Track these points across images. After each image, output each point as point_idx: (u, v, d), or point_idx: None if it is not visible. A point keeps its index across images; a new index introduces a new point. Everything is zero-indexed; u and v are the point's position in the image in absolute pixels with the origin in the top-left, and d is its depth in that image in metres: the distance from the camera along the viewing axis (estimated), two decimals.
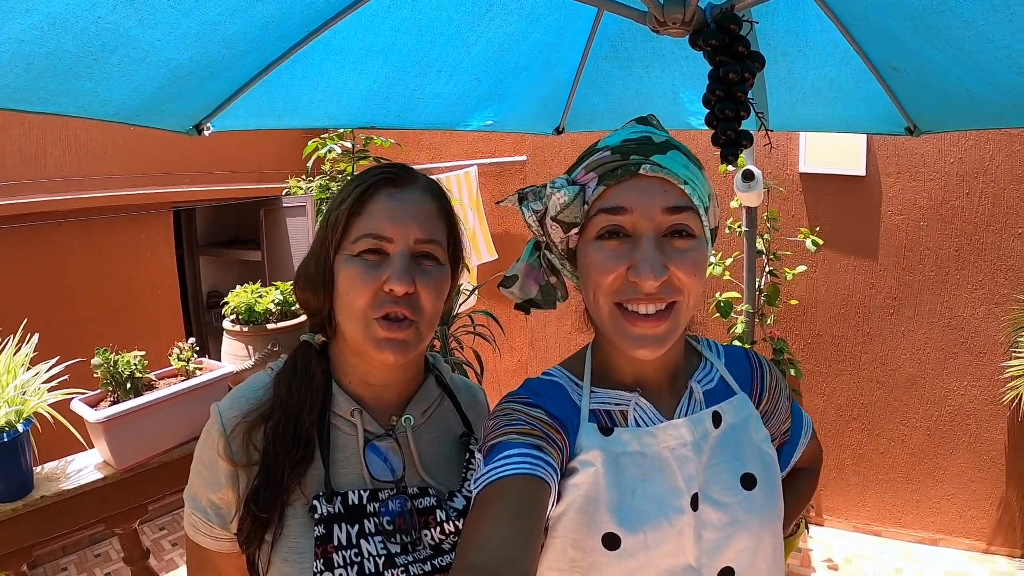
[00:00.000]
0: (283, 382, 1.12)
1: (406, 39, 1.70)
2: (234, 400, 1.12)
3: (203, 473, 1.08)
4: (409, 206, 1.10)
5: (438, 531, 1.10)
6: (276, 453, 1.05)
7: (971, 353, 3.93)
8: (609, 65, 2.09)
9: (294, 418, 1.08)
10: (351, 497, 1.06)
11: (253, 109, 1.75)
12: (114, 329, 4.46)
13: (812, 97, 2.11)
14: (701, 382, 1.10)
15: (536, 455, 0.92)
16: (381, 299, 1.07)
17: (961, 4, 1.25)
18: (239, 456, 1.06)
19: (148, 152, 4.68)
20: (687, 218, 0.94)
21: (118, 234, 4.56)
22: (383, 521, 1.06)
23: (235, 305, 2.56)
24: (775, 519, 1.06)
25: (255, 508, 1.03)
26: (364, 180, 1.12)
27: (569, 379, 1.09)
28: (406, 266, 1.07)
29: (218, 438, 1.07)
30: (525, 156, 5.14)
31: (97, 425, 2.13)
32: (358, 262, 1.08)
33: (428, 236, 1.11)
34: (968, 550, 4.09)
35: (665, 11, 1.15)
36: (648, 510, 0.97)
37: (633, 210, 0.93)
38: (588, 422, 1.02)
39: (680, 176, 0.93)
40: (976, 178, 3.76)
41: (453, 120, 2.20)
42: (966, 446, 4.01)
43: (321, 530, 1.02)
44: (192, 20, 1.23)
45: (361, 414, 1.13)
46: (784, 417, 1.22)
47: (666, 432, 1.01)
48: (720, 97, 1.11)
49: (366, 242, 1.07)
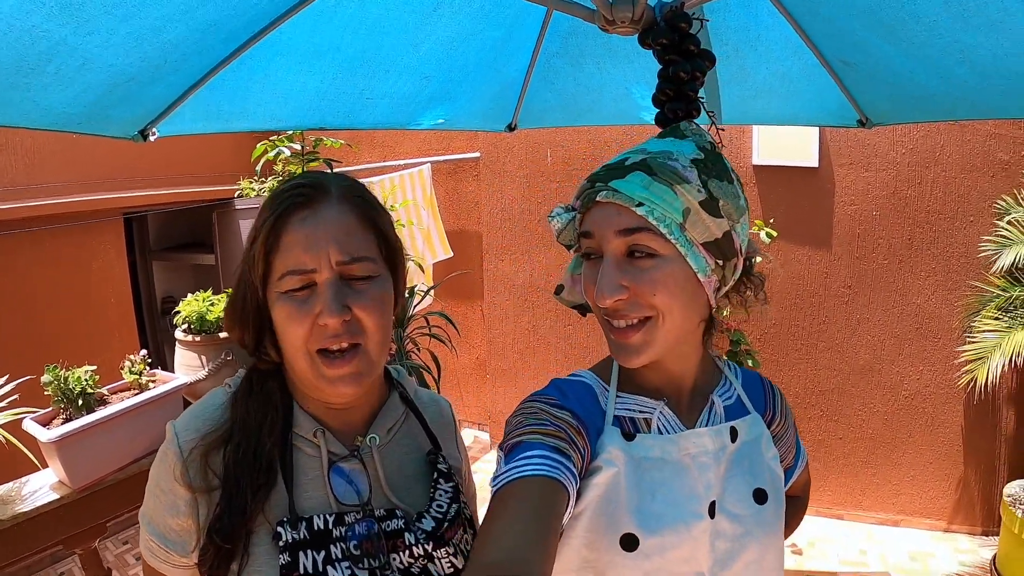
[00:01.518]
0: (240, 402, 1.06)
1: (353, 38, 1.67)
2: (190, 420, 1.06)
3: (160, 497, 1.02)
4: (324, 228, 1.01)
5: (406, 555, 1.05)
6: (237, 478, 0.99)
7: (926, 339, 4.00)
8: (560, 62, 2.08)
9: (254, 441, 1.02)
10: (316, 522, 1.01)
11: (199, 113, 1.71)
12: (66, 341, 4.35)
13: (764, 91, 2.12)
14: (721, 397, 1.12)
15: (557, 458, 0.92)
16: (318, 332, 1.00)
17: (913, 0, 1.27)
18: (197, 481, 0.99)
19: (96, 158, 4.57)
20: (641, 238, 0.94)
21: (67, 243, 4.44)
22: (350, 546, 1.01)
23: (187, 314, 2.51)
24: (780, 535, 1.10)
25: (218, 538, 0.97)
26: (274, 210, 1.02)
27: (598, 381, 1.10)
28: (335, 294, 0.99)
29: (175, 461, 1.01)
30: (479, 153, 5.13)
31: (50, 444, 2.07)
32: (287, 300, 1.00)
33: (351, 255, 1.02)
34: (929, 530, 4.19)
35: (614, 10, 1.14)
36: (667, 513, 0.99)
37: (594, 234, 0.97)
38: (612, 426, 1.03)
39: (634, 198, 0.93)
40: (928, 168, 3.83)
41: (404, 119, 2.18)
42: (923, 429, 4.10)
43: (286, 558, 0.97)
44: (131, 25, 1.20)
45: (324, 435, 1.08)
46: (790, 444, 1.25)
47: (688, 440, 1.03)
48: (670, 96, 1.10)
49: (290, 280, 1.00)
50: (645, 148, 1.00)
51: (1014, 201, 3.64)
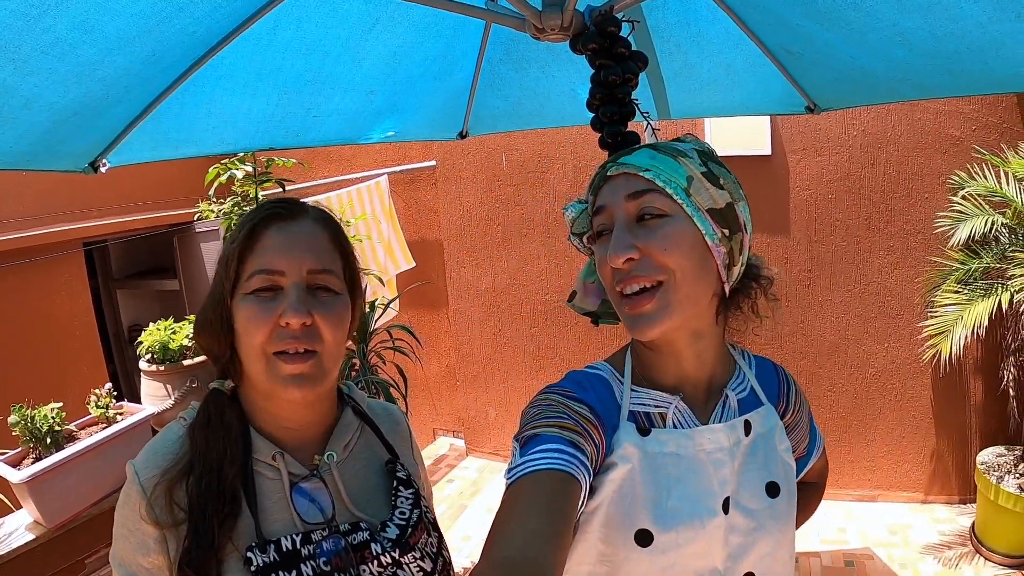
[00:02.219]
0: (198, 434, 1.07)
1: (294, 59, 1.68)
2: (149, 457, 1.06)
3: (128, 538, 1.02)
4: (299, 237, 1.08)
5: (375, 564, 1.07)
6: (203, 510, 1.00)
7: (889, 316, 4.06)
8: (505, 68, 2.10)
9: (216, 472, 1.03)
10: (284, 543, 1.02)
11: (148, 142, 1.72)
12: (33, 376, 4.30)
13: (710, 84, 2.14)
14: (735, 390, 1.12)
15: (572, 452, 0.92)
16: (279, 334, 1.03)
17: None
18: (163, 517, 1.00)
19: (52, 189, 4.53)
20: (650, 199, 0.97)
21: (28, 278, 4.39)
22: (319, 563, 1.03)
23: (149, 344, 2.49)
24: (792, 527, 1.10)
25: (190, 571, 0.97)
26: (253, 217, 1.08)
27: (613, 374, 1.10)
28: (300, 298, 1.04)
29: (139, 500, 1.01)
30: (434, 161, 5.14)
31: (22, 485, 2.05)
32: (252, 300, 1.04)
33: (321, 266, 1.08)
34: (907, 502, 4.24)
35: (543, 18, 1.16)
36: (683, 509, 0.99)
37: (607, 206, 1.00)
38: (627, 421, 1.03)
39: (641, 166, 0.98)
40: (880, 148, 3.89)
41: (353, 134, 2.19)
42: (893, 405, 4.16)
43: None
44: (68, 63, 1.21)
45: (283, 457, 1.09)
46: (804, 433, 1.25)
47: (703, 436, 1.03)
48: (603, 100, 1.12)
49: (259, 279, 1.04)
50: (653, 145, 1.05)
51: (967, 175, 3.69)
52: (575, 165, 4.52)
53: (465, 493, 4.85)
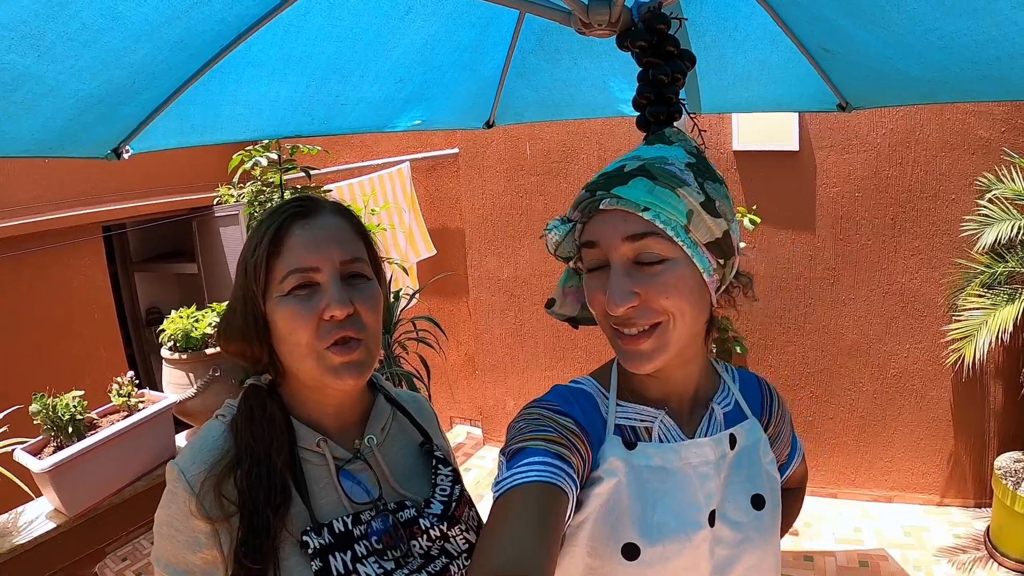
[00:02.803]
0: (243, 428, 1.10)
1: (324, 47, 1.66)
2: (194, 454, 1.08)
3: (177, 537, 1.03)
4: (325, 232, 1.11)
5: (424, 539, 1.12)
6: (255, 501, 1.03)
7: (912, 317, 4.02)
8: (536, 59, 2.07)
9: (265, 462, 1.06)
10: (336, 525, 1.06)
11: (172, 128, 1.71)
12: (53, 361, 4.33)
13: (743, 80, 2.12)
14: (721, 404, 1.12)
15: (558, 464, 0.92)
16: (325, 329, 1.06)
17: None
18: (215, 512, 1.02)
19: (72, 173, 4.53)
20: (650, 243, 0.94)
21: (48, 261, 4.40)
22: (372, 542, 1.08)
23: (171, 332, 2.47)
24: (777, 538, 1.11)
25: (248, 561, 1.00)
26: (273, 221, 1.11)
27: (598, 389, 1.10)
28: (340, 289, 1.07)
29: (187, 498, 1.02)
30: (458, 149, 5.10)
31: (43, 474, 2.04)
32: (291, 300, 1.07)
33: (352, 255, 1.12)
34: (923, 504, 4.21)
35: (590, 12, 1.12)
36: (669, 523, 0.99)
37: (600, 242, 0.97)
38: (614, 435, 1.03)
39: (639, 203, 0.93)
40: (908, 147, 3.83)
41: (380, 122, 2.17)
42: (913, 406, 4.12)
43: (318, 564, 1.01)
44: (94, 50, 1.19)
45: (327, 443, 1.13)
46: (786, 443, 1.27)
47: (689, 450, 1.04)
48: (651, 100, 1.08)
49: (294, 278, 1.07)
50: (639, 155, 1.00)
51: (995, 178, 3.65)
52: (600, 156, 4.48)
53: (482, 483, 4.87)
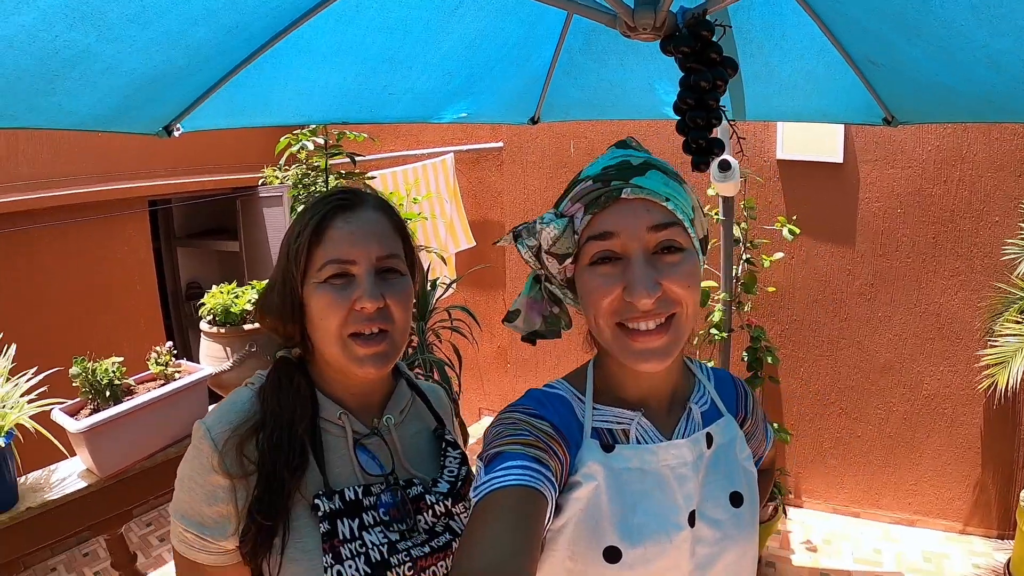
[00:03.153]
0: (271, 395, 1.16)
1: (375, 37, 1.68)
2: (221, 415, 1.14)
3: (196, 490, 1.10)
4: (365, 227, 1.17)
5: (430, 514, 1.19)
6: (274, 462, 1.09)
7: (947, 339, 3.96)
8: (583, 58, 2.08)
9: (287, 428, 1.12)
10: (347, 493, 1.12)
11: (223, 109, 1.74)
12: (93, 328, 4.42)
13: (789, 89, 2.11)
14: (698, 404, 1.13)
15: (537, 468, 0.92)
16: (354, 317, 1.13)
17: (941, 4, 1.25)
18: (234, 469, 1.09)
19: (122, 148, 4.62)
20: (673, 233, 0.96)
21: (93, 232, 4.50)
22: (380, 513, 1.14)
23: (211, 306, 2.53)
24: (755, 534, 1.11)
25: (260, 517, 1.07)
26: (318, 211, 1.17)
27: (573, 393, 1.10)
28: (374, 283, 1.14)
29: (211, 454, 1.09)
30: (502, 143, 5.13)
31: (79, 434, 2.11)
32: (327, 288, 1.14)
33: (388, 252, 1.18)
34: (945, 531, 4.15)
35: (636, 16, 1.14)
36: (649, 525, 0.99)
37: (619, 233, 0.95)
38: (591, 438, 1.03)
39: (661, 194, 0.95)
40: (953, 166, 3.78)
41: (426, 113, 2.20)
42: (943, 430, 4.06)
43: (326, 526, 1.08)
44: (152, 31, 1.23)
45: (348, 417, 1.20)
46: (761, 438, 1.28)
47: (667, 451, 1.04)
48: (691, 105, 1.10)
49: (331, 268, 1.14)
50: (629, 154, 1.01)
51: None
52: None
53: None
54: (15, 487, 2.04)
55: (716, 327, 3.81)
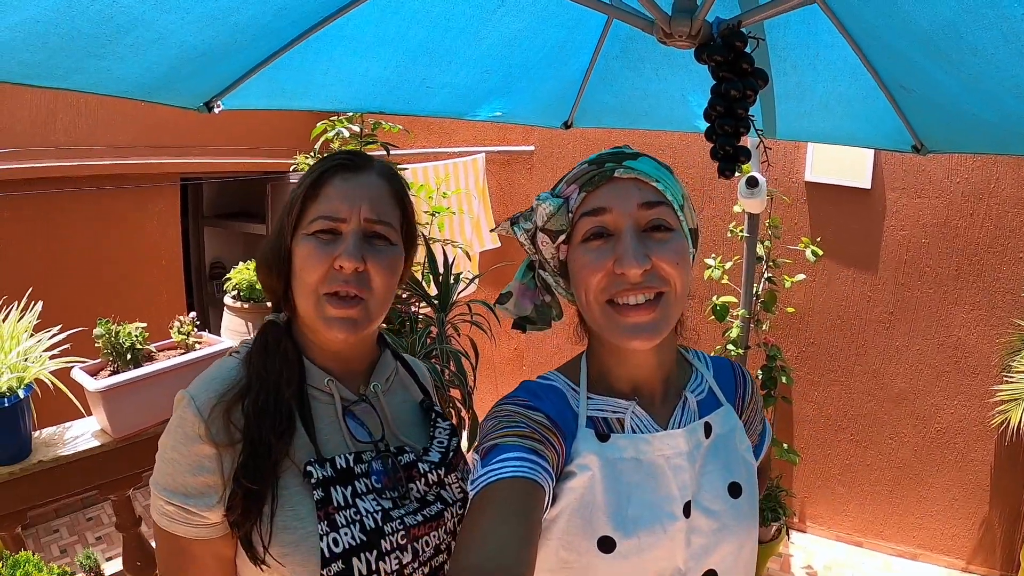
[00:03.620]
0: (256, 359, 1.14)
1: (417, 30, 1.71)
2: (205, 383, 1.11)
3: (179, 461, 1.05)
4: (362, 188, 1.15)
5: (422, 483, 1.17)
6: (260, 427, 1.06)
7: (963, 373, 3.94)
8: (619, 65, 2.09)
9: (273, 392, 1.10)
10: (339, 461, 1.10)
11: (264, 89, 1.77)
12: (117, 297, 4.50)
13: (820, 110, 2.11)
14: (694, 392, 1.13)
15: (533, 459, 0.93)
16: (332, 276, 1.11)
17: (972, 32, 1.26)
18: (220, 437, 1.05)
19: (159, 123, 4.70)
20: (663, 212, 1.00)
21: (125, 204, 4.59)
22: (371, 481, 1.12)
23: (237, 282, 2.59)
24: (754, 524, 1.11)
25: (247, 482, 1.03)
26: (320, 166, 1.17)
27: (566, 384, 1.12)
28: (357, 244, 1.11)
29: (195, 422, 1.05)
30: (533, 146, 5.15)
31: (96, 394, 2.15)
32: (312, 240, 1.12)
33: (379, 216, 1.15)
34: (947, 567, 4.12)
35: (672, 23, 1.16)
36: (643, 515, 1.00)
37: (612, 208, 0.99)
38: (586, 427, 1.04)
39: (652, 175, 1.00)
40: (981, 199, 3.77)
41: (462, 109, 2.22)
42: (953, 464, 4.04)
43: (320, 493, 1.06)
44: (205, 5, 1.26)
45: (335, 383, 1.18)
46: (758, 428, 1.27)
47: (663, 441, 1.04)
48: (721, 113, 1.12)
49: (320, 223, 1.12)
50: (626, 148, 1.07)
51: None
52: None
53: None
54: (29, 440, 2.09)
55: (733, 343, 3.82)
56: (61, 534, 4.15)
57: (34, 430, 2.13)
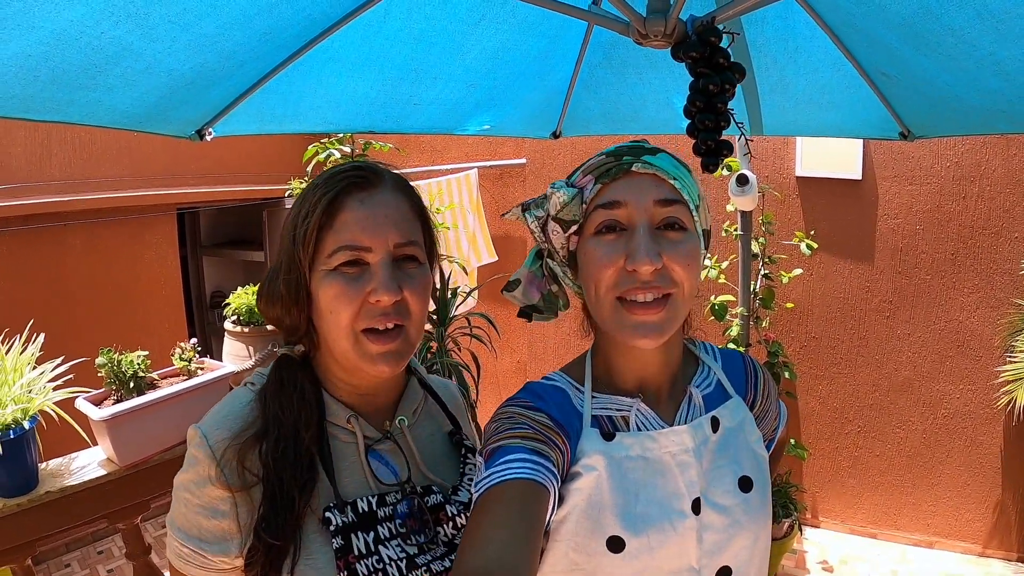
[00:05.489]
0: (272, 399, 1.06)
1: (401, 48, 1.73)
2: (219, 421, 1.05)
3: (193, 502, 1.00)
4: (382, 209, 1.05)
5: (450, 526, 1.10)
6: (280, 477, 0.99)
7: (966, 357, 3.94)
8: (603, 71, 2.12)
9: (292, 437, 1.02)
10: (360, 505, 1.03)
11: (254, 115, 1.79)
12: (118, 328, 4.50)
13: (805, 103, 2.13)
14: (700, 387, 1.12)
15: (537, 460, 0.92)
16: (367, 311, 1.02)
17: (947, 12, 1.28)
18: (234, 480, 0.99)
19: (153, 154, 4.72)
20: (678, 211, 0.98)
21: (122, 235, 4.60)
22: (396, 525, 1.05)
23: (236, 306, 2.61)
24: (768, 518, 1.09)
25: (268, 537, 0.97)
26: (330, 188, 1.04)
27: (570, 384, 1.10)
28: (390, 274, 1.02)
29: (208, 463, 0.99)
30: (525, 159, 5.18)
31: (101, 423, 2.16)
32: (338, 277, 1.02)
33: (407, 238, 1.06)
34: (964, 553, 4.10)
35: (647, 24, 1.18)
36: (651, 513, 0.99)
37: (627, 203, 0.98)
38: (590, 427, 1.03)
39: (670, 173, 0.99)
40: (972, 182, 3.78)
41: (450, 125, 2.24)
42: (962, 450, 4.03)
43: (339, 541, 0.99)
44: (192, 33, 1.28)
45: (358, 420, 1.10)
46: (773, 419, 1.25)
47: (668, 438, 1.04)
48: (700, 108, 1.14)
49: (343, 255, 1.01)
50: (645, 142, 1.04)
51: None
52: None
53: None
54: (36, 471, 2.10)
55: (734, 341, 3.83)
56: (72, 568, 4.14)
57: (40, 461, 2.14)
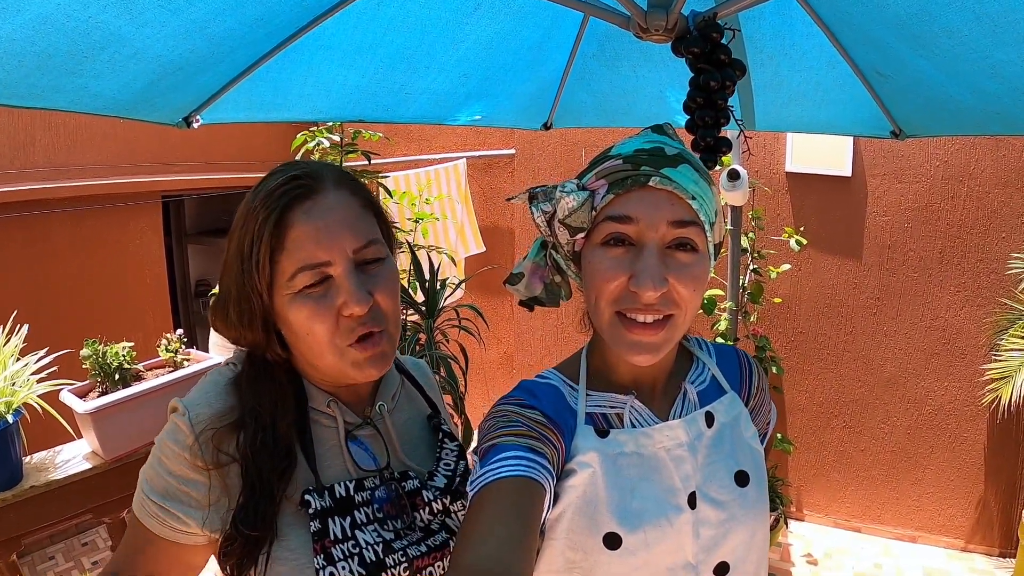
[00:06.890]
0: (247, 388, 1.05)
1: (394, 36, 1.71)
2: (200, 396, 1.04)
3: (167, 464, 1.00)
4: (331, 216, 1.00)
5: (427, 512, 1.10)
6: (259, 468, 0.99)
7: (952, 354, 3.97)
8: (596, 63, 2.10)
9: (270, 428, 1.01)
10: (338, 489, 1.03)
11: (242, 102, 1.76)
12: (102, 318, 4.45)
13: (798, 99, 2.13)
14: (694, 383, 1.12)
15: (532, 458, 0.92)
16: (345, 327, 1.01)
17: (945, 13, 1.27)
18: (209, 459, 0.98)
19: (138, 141, 4.67)
20: (692, 232, 0.95)
21: (107, 224, 4.55)
22: (373, 510, 1.05)
23: None
24: (765, 512, 1.09)
25: (246, 528, 0.97)
26: (272, 208, 0.98)
27: (564, 382, 1.10)
28: (357, 283, 1.00)
29: (187, 434, 0.99)
30: (514, 149, 5.15)
31: (86, 416, 2.14)
32: (306, 300, 0.99)
33: (364, 240, 1.03)
34: (946, 548, 4.15)
35: (648, 18, 1.17)
36: (647, 509, 0.99)
37: (639, 220, 0.94)
38: (585, 424, 1.03)
39: (689, 191, 0.94)
40: (961, 181, 3.79)
41: (441, 114, 2.22)
42: (946, 446, 4.06)
43: (317, 525, 0.99)
44: (181, 18, 1.25)
45: (338, 405, 1.10)
46: (766, 415, 1.25)
47: (662, 433, 1.03)
48: (700, 104, 1.13)
49: (305, 276, 0.98)
50: (664, 141, 0.99)
51: None
52: None
53: None
54: (20, 465, 2.08)
55: (722, 336, 3.83)
56: (57, 561, 4.10)
57: (25, 455, 2.12)
